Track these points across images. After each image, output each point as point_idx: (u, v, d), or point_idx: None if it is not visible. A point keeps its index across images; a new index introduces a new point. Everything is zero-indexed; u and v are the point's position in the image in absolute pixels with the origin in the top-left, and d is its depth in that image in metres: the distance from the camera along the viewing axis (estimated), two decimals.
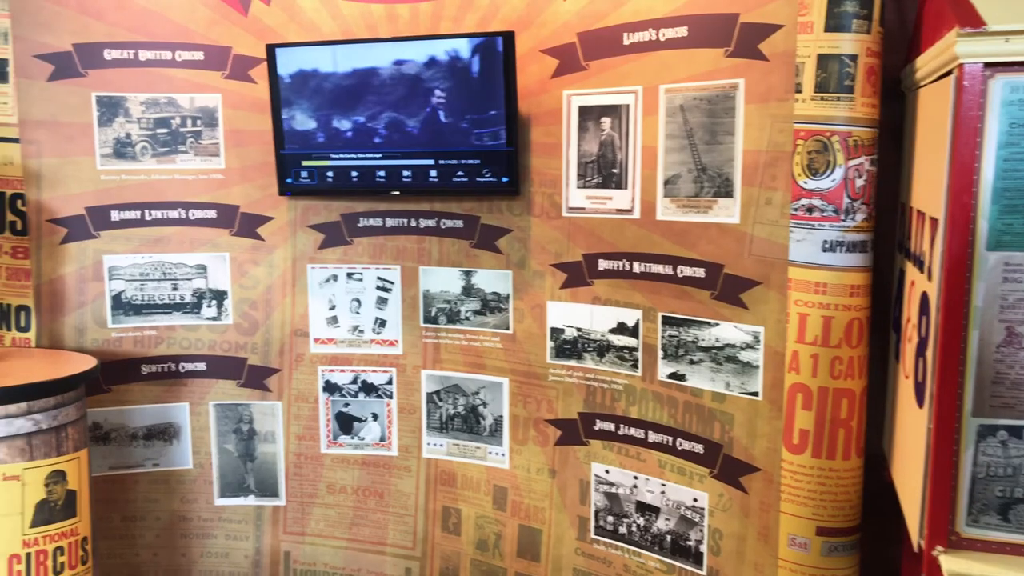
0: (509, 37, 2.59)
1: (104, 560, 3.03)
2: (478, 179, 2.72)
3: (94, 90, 2.90)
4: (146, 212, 2.99)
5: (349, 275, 3.02)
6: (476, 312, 2.92)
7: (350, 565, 3.13)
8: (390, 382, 3.04)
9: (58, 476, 2.40)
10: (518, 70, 2.62)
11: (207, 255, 3.02)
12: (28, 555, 2.34)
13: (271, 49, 2.77)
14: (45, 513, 2.37)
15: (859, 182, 2.13)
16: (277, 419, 3.09)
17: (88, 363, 2.63)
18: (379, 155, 2.78)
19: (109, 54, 2.91)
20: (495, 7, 2.73)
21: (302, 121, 2.80)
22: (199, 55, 2.94)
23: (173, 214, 3.00)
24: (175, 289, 3.03)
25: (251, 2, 2.91)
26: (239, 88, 2.95)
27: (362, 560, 3.12)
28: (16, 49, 2.82)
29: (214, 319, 3.04)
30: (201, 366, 3.06)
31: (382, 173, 2.80)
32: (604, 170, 2.60)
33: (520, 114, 2.68)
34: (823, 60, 2.10)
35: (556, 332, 2.77)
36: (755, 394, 2.33)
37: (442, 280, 2.95)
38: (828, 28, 2.08)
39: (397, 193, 2.82)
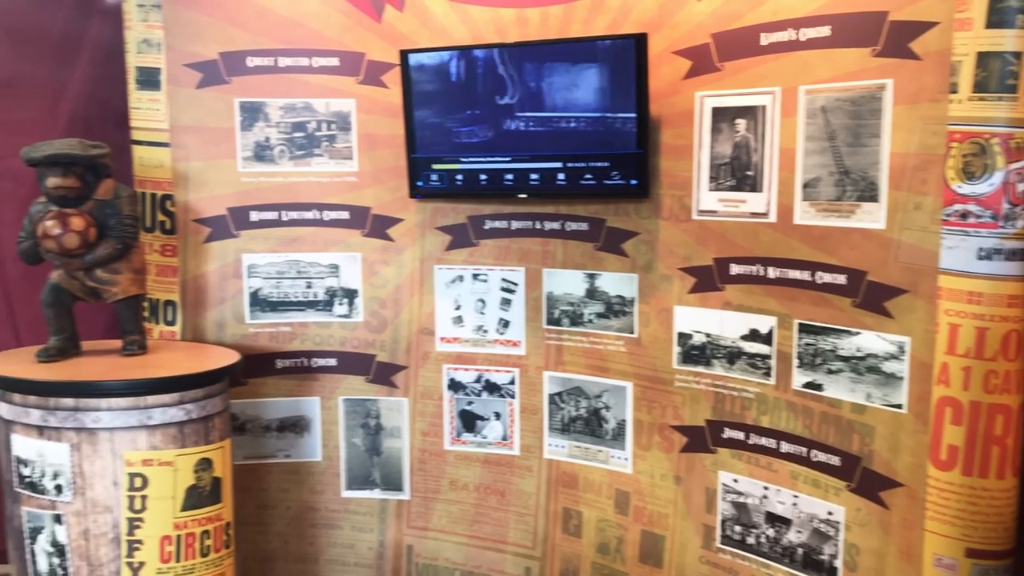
0: (641, 39, 2.57)
1: (240, 545, 3.16)
2: (606, 182, 2.71)
3: (237, 96, 3.04)
4: (283, 213, 3.12)
5: (475, 276, 3.07)
6: (600, 315, 2.91)
7: (471, 562, 3.17)
8: (512, 382, 3.07)
9: (206, 463, 2.53)
10: (649, 72, 2.59)
11: (340, 255, 3.12)
12: (178, 537, 2.48)
13: (404, 54, 2.83)
14: (194, 498, 2.50)
15: (1020, 186, 2.02)
16: (403, 415, 3.16)
17: (232, 357, 2.76)
18: (508, 158, 2.80)
19: (251, 62, 3.04)
20: (626, 9, 2.72)
21: (433, 125, 2.86)
22: (334, 61, 3.04)
23: (308, 215, 3.12)
24: (309, 287, 3.14)
25: (384, 8, 2.99)
26: (372, 93, 3.04)
27: (483, 557, 3.16)
28: (168, 58, 2.99)
29: (345, 317, 3.14)
30: (332, 362, 3.16)
31: (510, 176, 2.82)
32: (738, 172, 2.55)
33: (651, 116, 2.65)
34: (983, 58, 2.00)
35: (683, 337, 2.73)
36: (899, 407, 2.24)
37: (566, 282, 2.96)
38: (990, 24, 1.98)
39: (524, 196, 2.85)
